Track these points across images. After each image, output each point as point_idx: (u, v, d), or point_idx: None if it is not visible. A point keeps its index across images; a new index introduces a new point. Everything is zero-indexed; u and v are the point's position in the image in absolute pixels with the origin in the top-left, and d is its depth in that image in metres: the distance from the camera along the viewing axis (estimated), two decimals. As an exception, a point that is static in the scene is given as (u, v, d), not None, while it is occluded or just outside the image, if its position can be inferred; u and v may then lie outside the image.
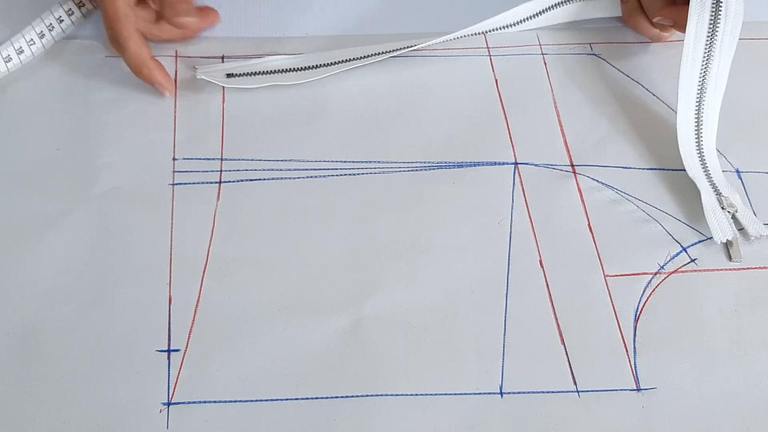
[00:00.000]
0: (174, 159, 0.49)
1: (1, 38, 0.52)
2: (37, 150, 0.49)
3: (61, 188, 0.47)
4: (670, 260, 0.46)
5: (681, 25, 0.50)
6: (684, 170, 0.49)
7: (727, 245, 0.46)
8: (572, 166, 0.49)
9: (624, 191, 0.48)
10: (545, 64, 0.54)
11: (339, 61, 0.53)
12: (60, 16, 0.52)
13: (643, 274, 0.45)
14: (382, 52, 0.53)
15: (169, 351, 0.42)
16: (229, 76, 0.52)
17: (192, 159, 0.49)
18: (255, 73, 0.52)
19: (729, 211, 0.47)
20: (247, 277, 0.44)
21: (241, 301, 0.43)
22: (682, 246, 0.46)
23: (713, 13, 0.49)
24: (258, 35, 0.55)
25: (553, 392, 0.41)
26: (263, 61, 0.53)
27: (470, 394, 0.41)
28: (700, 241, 0.46)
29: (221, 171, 0.48)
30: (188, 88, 0.52)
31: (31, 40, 0.51)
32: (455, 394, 0.41)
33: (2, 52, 0.50)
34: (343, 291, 0.44)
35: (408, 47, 0.53)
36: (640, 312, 0.44)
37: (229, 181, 0.48)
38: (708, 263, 0.46)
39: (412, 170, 0.49)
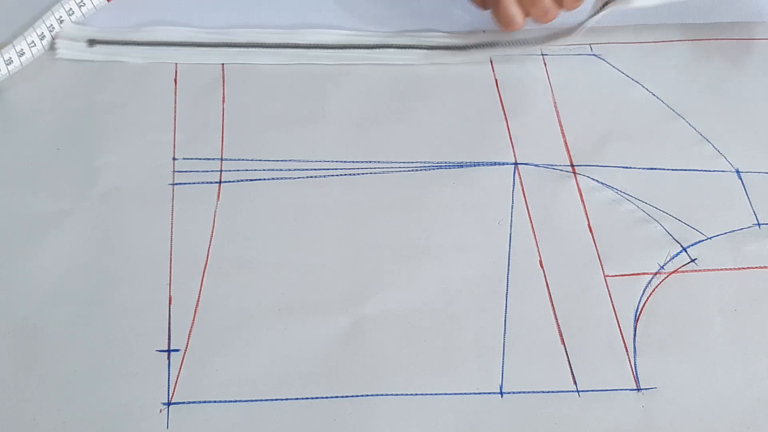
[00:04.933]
0: (174, 159, 0.49)
1: (4, 39, 0.52)
2: (37, 150, 0.49)
3: (61, 188, 0.47)
4: (670, 260, 0.46)
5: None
6: (684, 170, 0.49)
7: None
8: (572, 166, 0.49)
9: (624, 191, 0.48)
10: (545, 64, 0.54)
11: (250, 44, 0.52)
12: (61, 17, 0.52)
13: (643, 274, 0.45)
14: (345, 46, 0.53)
15: (169, 351, 0.42)
16: (92, 43, 0.50)
17: (192, 159, 0.49)
18: (135, 43, 0.50)
19: None
20: (247, 277, 0.44)
21: (241, 301, 0.43)
22: (682, 246, 0.46)
23: None
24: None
25: (553, 392, 0.41)
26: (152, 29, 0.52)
27: (470, 394, 0.41)
28: (700, 241, 0.46)
29: (221, 171, 0.48)
30: (188, 87, 0.52)
31: (32, 42, 0.51)
32: (455, 394, 0.41)
33: (4, 56, 0.50)
34: (343, 291, 0.44)
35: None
36: (640, 312, 0.44)
37: (229, 181, 0.48)
38: (708, 263, 0.46)
39: (412, 170, 0.49)
